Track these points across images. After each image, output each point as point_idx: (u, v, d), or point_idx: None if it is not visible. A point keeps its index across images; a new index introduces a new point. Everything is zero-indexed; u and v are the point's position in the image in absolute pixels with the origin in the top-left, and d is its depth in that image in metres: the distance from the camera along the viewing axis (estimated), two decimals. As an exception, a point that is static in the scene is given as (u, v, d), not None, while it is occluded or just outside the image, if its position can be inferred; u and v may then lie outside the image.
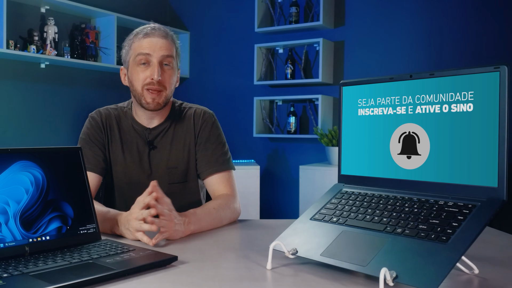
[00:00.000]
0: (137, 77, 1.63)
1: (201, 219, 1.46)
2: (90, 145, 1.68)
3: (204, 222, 1.47)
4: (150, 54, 1.60)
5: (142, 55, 1.60)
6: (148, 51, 1.60)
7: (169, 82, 1.64)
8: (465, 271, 1.04)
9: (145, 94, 1.62)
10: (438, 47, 3.90)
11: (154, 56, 1.60)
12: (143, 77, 1.61)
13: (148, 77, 1.61)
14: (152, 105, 1.63)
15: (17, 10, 3.72)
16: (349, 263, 0.96)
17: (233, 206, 1.62)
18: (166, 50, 1.62)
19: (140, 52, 1.61)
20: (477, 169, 0.96)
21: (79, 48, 4.14)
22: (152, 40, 1.61)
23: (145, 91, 1.62)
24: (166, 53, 1.61)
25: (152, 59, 1.60)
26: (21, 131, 3.84)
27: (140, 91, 1.63)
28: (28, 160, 1.16)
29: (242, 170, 3.86)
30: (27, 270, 0.99)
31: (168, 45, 1.63)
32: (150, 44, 1.61)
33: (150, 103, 1.62)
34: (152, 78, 1.59)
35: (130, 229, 1.31)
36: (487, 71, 0.95)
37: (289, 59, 4.40)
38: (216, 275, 1.02)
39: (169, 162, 1.71)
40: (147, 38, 1.62)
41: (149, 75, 1.60)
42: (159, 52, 1.60)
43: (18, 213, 1.11)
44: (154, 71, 1.59)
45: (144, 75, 1.61)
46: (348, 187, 1.21)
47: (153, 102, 1.62)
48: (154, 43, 1.61)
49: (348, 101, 1.23)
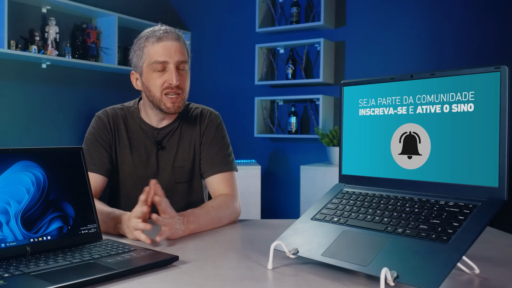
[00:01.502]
0: (154, 83, 1.62)
1: (199, 218, 1.46)
2: (96, 146, 1.68)
3: (203, 221, 1.47)
4: (167, 61, 1.59)
5: (158, 63, 1.59)
6: (165, 58, 1.59)
7: (186, 85, 1.65)
8: (466, 271, 1.04)
9: (164, 100, 1.62)
10: (439, 47, 3.90)
11: (170, 62, 1.59)
12: (160, 83, 1.60)
13: (166, 82, 1.60)
14: (173, 109, 1.63)
15: (19, 10, 3.73)
16: (350, 263, 0.96)
17: (233, 206, 1.63)
18: (181, 54, 1.61)
19: (156, 60, 1.59)
20: (478, 169, 0.96)
21: (80, 48, 4.15)
22: (166, 44, 1.60)
23: (163, 96, 1.61)
24: (181, 58, 1.61)
25: (169, 65, 1.60)
26: (22, 131, 3.84)
27: (159, 96, 1.62)
28: (29, 160, 1.16)
29: (243, 170, 3.85)
30: (28, 270, 0.99)
31: (182, 49, 1.62)
32: (165, 49, 1.59)
33: (170, 107, 1.62)
34: (170, 83, 1.59)
35: (130, 228, 1.32)
36: (488, 71, 0.95)
37: (290, 59, 4.41)
38: (217, 275, 1.02)
39: (176, 162, 1.72)
40: (161, 42, 1.60)
41: (167, 80, 1.60)
42: (175, 57, 1.59)
43: (20, 213, 1.11)
44: (172, 76, 1.58)
45: (161, 80, 1.60)
46: (349, 187, 1.21)
47: (174, 106, 1.62)
48: (168, 48, 1.59)
49: (349, 101, 1.23)
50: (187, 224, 1.39)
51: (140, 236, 1.29)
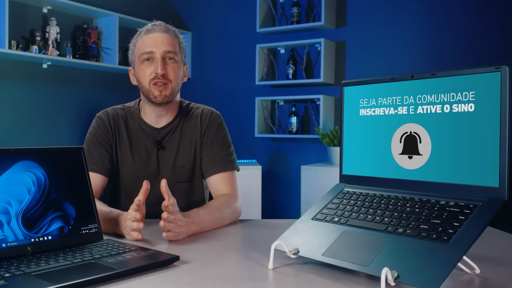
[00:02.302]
0: (143, 74, 1.65)
1: (203, 219, 1.47)
2: (97, 146, 1.69)
3: (206, 222, 1.48)
4: (152, 51, 1.63)
5: (145, 53, 1.63)
6: (151, 48, 1.63)
7: (174, 75, 1.66)
8: (467, 270, 1.04)
9: (152, 89, 1.64)
10: (440, 47, 3.90)
11: (156, 52, 1.62)
12: (148, 73, 1.64)
13: (152, 72, 1.63)
14: (160, 98, 1.64)
15: (19, 10, 3.73)
16: (350, 263, 0.96)
17: (234, 206, 1.63)
18: (168, 45, 1.64)
19: (143, 50, 1.64)
20: (478, 169, 0.96)
21: (81, 48, 4.15)
22: (154, 35, 1.64)
23: (151, 86, 1.64)
24: (168, 48, 1.64)
25: (155, 55, 1.63)
26: (23, 131, 3.85)
27: (147, 86, 1.65)
28: (30, 160, 1.16)
29: (243, 170, 3.83)
30: (29, 270, 0.99)
31: (170, 40, 1.65)
32: (152, 40, 1.64)
33: (157, 96, 1.64)
34: (156, 72, 1.62)
35: (126, 229, 1.33)
36: (488, 71, 0.95)
37: (291, 59, 4.40)
38: (218, 275, 1.03)
39: (176, 161, 1.72)
40: (149, 34, 1.65)
41: (154, 70, 1.63)
42: (161, 48, 1.63)
43: (20, 213, 1.11)
44: (158, 65, 1.62)
45: (149, 71, 1.64)
46: (350, 187, 1.21)
47: (160, 95, 1.64)
48: (155, 39, 1.64)
49: (349, 101, 1.23)
50: (191, 225, 1.40)
51: (138, 236, 1.31)
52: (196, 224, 1.43)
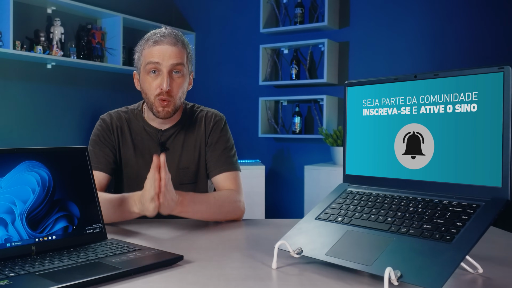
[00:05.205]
0: (148, 86, 1.65)
1: (195, 203, 1.51)
2: (100, 146, 1.70)
3: (198, 206, 1.52)
4: (159, 63, 1.61)
5: (151, 64, 1.61)
6: (158, 60, 1.61)
7: (178, 91, 1.65)
8: (469, 270, 1.04)
9: (156, 104, 1.64)
10: (443, 48, 3.89)
11: (163, 65, 1.61)
12: (154, 86, 1.63)
13: (158, 87, 1.62)
14: (162, 114, 1.65)
15: (24, 11, 3.75)
16: (354, 263, 0.96)
17: (235, 200, 1.64)
18: (176, 58, 1.62)
19: (149, 61, 1.62)
20: (481, 169, 0.96)
21: (85, 49, 4.16)
22: (162, 48, 1.62)
23: (156, 100, 1.64)
24: (175, 61, 1.62)
25: (162, 68, 1.61)
26: (27, 131, 3.86)
27: (152, 100, 1.65)
28: (35, 160, 1.16)
29: (247, 170, 3.86)
30: (34, 269, 0.99)
31: (178, 53, 1.63)
32: (159, 52, 1.61)
33: (160, 112, 1.65)
34: (161, 88, 1.61)
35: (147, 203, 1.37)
36: (491, 72, 0.95)
37: (294, 60, 4.41)
38: (222, 275, 1.03)
39: (181, 163, 1.73)
40: (157, 46, 1.62)
41: (159, 84, 1.62)
42: (169, 61, 1.61)
43: (25, 212, 1.12)
44: (163, 81, 1.61)
45: (155, 84, 1.63)
46: (353, 187, 1.21)
47: (163, 111, 1.65)
48: (163, 52, 1.61)
49: (353, 101, 1.23)
50: (178, 205, 1.43)
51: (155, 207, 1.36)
52: (186, 206, 1.46)
